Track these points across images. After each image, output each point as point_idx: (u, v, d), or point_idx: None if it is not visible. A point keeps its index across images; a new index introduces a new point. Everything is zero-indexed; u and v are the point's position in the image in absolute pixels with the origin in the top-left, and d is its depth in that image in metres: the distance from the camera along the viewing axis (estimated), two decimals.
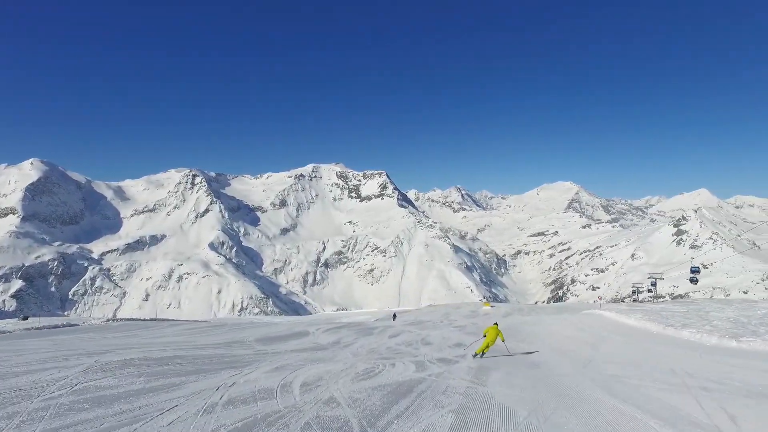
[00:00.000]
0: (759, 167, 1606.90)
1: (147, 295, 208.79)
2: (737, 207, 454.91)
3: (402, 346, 19.08)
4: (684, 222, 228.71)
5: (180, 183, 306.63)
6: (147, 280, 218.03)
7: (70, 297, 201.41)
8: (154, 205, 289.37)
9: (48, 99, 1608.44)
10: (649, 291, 58.62)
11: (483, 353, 15.93)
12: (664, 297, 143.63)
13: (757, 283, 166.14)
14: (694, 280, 36.71)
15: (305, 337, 22.30)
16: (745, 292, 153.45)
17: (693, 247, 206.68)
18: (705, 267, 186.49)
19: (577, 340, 21.64)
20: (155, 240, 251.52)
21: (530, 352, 17.48)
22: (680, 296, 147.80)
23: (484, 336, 16.38)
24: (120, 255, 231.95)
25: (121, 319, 48.79)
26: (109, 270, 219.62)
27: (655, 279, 54.10)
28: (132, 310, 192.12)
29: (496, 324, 17.08)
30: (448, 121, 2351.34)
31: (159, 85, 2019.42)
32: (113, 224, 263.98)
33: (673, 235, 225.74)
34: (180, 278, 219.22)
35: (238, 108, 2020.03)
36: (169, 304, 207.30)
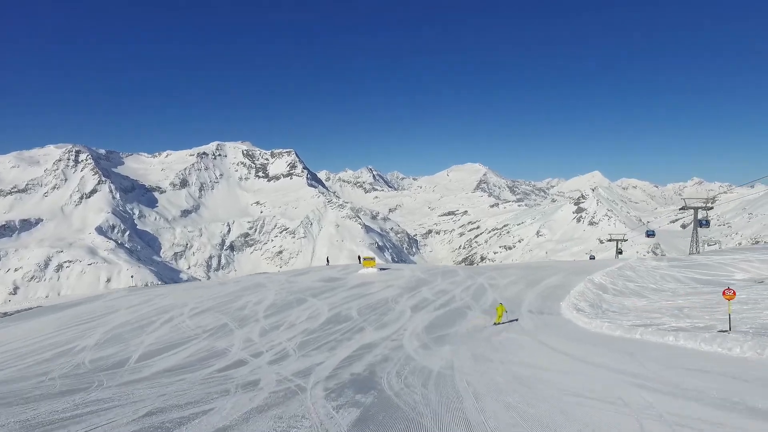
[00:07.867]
0: (641, 153, 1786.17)
1: (16, 288, 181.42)
2: (623, 188, 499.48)
3: None
4: (583, 200, 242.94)
5: (60, 160, 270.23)
6: (16, 270, 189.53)
7: None
8: (27, 185, 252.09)
9: None
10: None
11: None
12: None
13: (644, 255, 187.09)
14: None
15: None
16: None
17: (591, 223, 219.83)
18: (601, 242, 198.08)
19: None
20: (27, 225, 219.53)
21: None
22: None
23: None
24: None
25: None
26: None
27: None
28: None
29: (501, 304, 22.38)
30: (359, 102, 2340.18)
31: (31, 43, 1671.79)
32: None
33: (573, 213, 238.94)
34: (60, 267, 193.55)
35: (132, 81, 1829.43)
36: (47, 296, 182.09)
